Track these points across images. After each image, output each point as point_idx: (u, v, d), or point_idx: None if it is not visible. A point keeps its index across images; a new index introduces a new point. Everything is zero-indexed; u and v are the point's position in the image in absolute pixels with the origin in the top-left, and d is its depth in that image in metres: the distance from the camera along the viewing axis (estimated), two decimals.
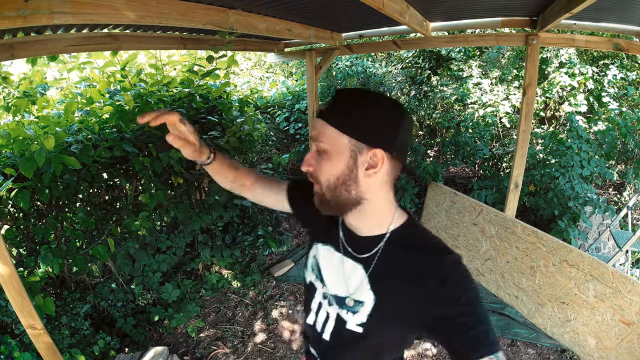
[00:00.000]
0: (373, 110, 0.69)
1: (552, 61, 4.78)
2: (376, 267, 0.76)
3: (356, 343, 0.80)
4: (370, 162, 0.70)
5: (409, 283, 0.72)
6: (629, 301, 2.10)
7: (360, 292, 0.77)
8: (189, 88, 2.93)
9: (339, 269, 0.82)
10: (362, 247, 0.78)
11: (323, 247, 0.87)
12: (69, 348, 2.20)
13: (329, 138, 0.69)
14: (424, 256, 0.72)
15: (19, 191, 1.88)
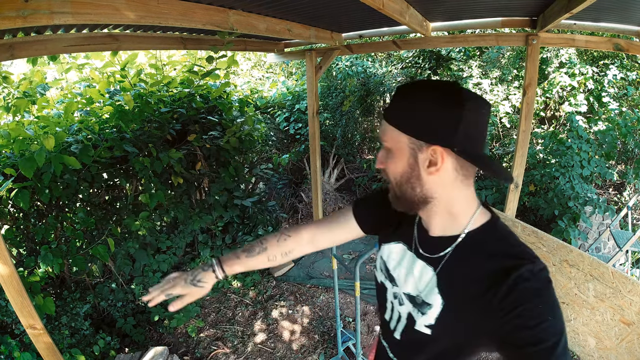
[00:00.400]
0: (427, 104, 0.65)
1: (552, 61, 4.78)
2: (445, 270, 0.73)
3: (424, 345, 0.78)
4: (431, 160, 0.67)
5: (476, 290, 0.66)
6: (629, 301, 2.10)
7: (429, 294, 0.74)
8: (189, 88, 2.93)
9: (410, 268, 0.80)
10: (433, 247, 0.75)
11: (395, 245, 0.86)
12: (69, 348, 2.20)
13: (390, 137, 0.70)
14: (497, 262, 0.66)
15: (19, 191, 1.88)
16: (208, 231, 3.44)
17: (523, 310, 0.61)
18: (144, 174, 2.43)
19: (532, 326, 0.60)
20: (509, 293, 0.62)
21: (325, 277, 3.41)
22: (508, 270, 0.63)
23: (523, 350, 0.60)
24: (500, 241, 0.70)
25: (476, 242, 0.70)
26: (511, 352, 0.63)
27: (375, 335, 2.63)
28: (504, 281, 0.63)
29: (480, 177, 4.62)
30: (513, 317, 0.61)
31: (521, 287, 0.62)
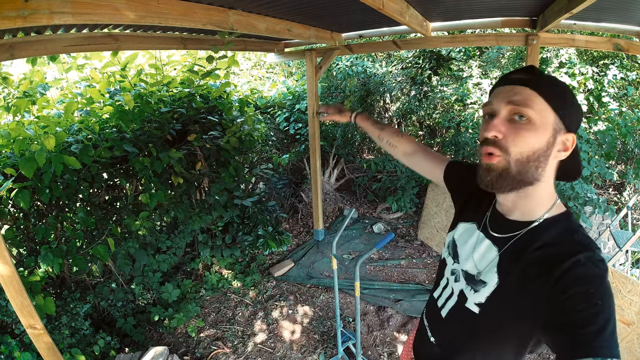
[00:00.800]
0: (574, 97, 0.70)
1: (552, 61, 4.78)
2: (509, 251, 0.74)
3: (469, 324, 0.79)
4: (564, 145, 0.69)
5: (534, 273, 0.67)
6: (629, 301, 2.10)
7: (486, 273, 0.76)
8: (189, 88, 2.93)
9: (475, 246, 0.82)
10: (505, 229, 0.76)
11: (468, 224, 0.88)
12: (69, 348, 2.20)
13: (537, 107, 0.66)
14: (557, 249, 0.67)
15: (19, 191, 1.88)
16: (208, 231, 3.44)
17: (574, 294, 0.61)
18: (144, 174, 2.43)
19: (580, 310, 0.60)
20: (563, 276, 0.63)
21: (325, 277, 3.41)
22: (567, 255, 0.64)
23: (567, 332, 0.60)
24: (569, 231, 0.70)
25: (547, 230, 0.71)
26: (555, 335, 0.62)
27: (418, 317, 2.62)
28: (560, 264, 0.64)
29: None
30: (563, 300, 0.62)
31: (576, 272, 0.63)
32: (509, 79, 0.71)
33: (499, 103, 0.69)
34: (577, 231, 0.70)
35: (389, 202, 4.39)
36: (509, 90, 0.70)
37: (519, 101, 0.67)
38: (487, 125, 0.70)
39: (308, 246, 3.95)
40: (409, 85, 5.39)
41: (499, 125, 0.68)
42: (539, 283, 0.66)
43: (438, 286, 0.92)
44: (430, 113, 5.61)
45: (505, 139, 0.68)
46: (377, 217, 4.62)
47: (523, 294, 0.69)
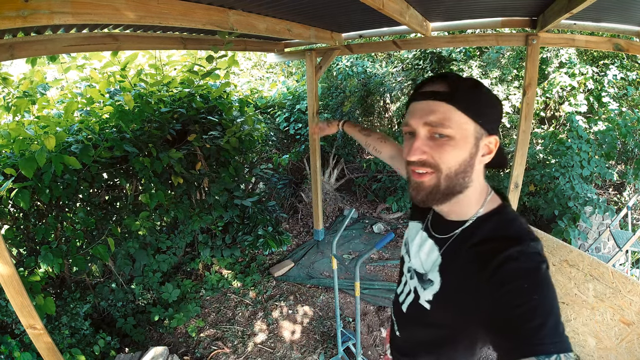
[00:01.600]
0: (492, 98, 0.69)
1: (552, 61, 4.78)
2: (449, 251, 0.75)
3: (424, 322, 0.81)
4: (487, 149, 0.70)
5: (470, 271, 0.68)
6: (629, 301, 2.10)
7: (431, 272, 0.78)
8: (189, 88, 2.93)
9: (420, 246, 0.85)
10: (444, 229, 0.78)
11: (415, 223, 0.92)
12: (69, 348, 2.20)
13: (456, 123, 0.65)
14: (489, 245, 0.67)
15: (19, 191, 1.88)
16: (208, 231, 3.44)
17: (508, 291, 0.60)
18: (144, 174, 2.43)
19: (516, 306, 0.58)
20: (496, 272, 0.62)
21: (325, 277, 3.41)
22: (499, 251, 0.63)
23: (506, 331, 0.58)
24: (503, 225, 0.70)
25: (480, 227, 0.72)
26: (494, 334, 0.61)
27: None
28: (492, 261, 0.63)
29: None
30: (498, 298, 0.60)
31: (507, 267, 0.61)
32: (424, 92, 0.69)
33: (417, 124, 0.68)
34: (511, 225, 0.70)
35: (389, 202, 4.39)
36: (424, 108, 0.67)
37: (436, 122, 0.66)
38: (410, 146, 0.69)
39: (308, 246, 3.95)
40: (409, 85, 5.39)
41: (421, 147, 0.68)
42: (476, 281, 0.65)
43: (400, 283, 0.95)
44: None
45: (431, 157, 0.68)
46: (377, 217, 4.62)
47: (464, 293, 0.69)
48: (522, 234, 0.67)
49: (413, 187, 0.72)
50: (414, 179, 0.71)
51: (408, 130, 0.70)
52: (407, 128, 0.70)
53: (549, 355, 0.53)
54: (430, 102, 0.67)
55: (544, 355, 0.53)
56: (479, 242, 0.69)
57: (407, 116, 0.71)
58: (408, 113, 0.71)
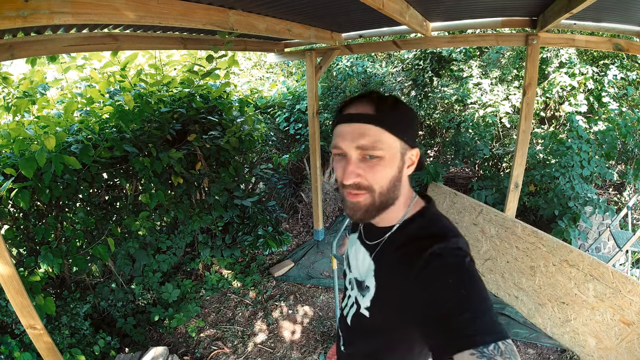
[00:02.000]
0: (410, 113, 0.73)
1: (552, 61, 4.78)
2: (379, 256, 0.79)
3: (366, 331, 0.83)
4: (411, 160, 0.75)
5: (400, 273, 0.69)
6: (629, 301, 2.10)
7: (368, 278, 0.80)
8: (189, 88, 2.93)
9: (356, 254, 0.88)
10: (374, 236, 0.81)
11: (352, 235, 0.96)
12: (69, 348, 2.20)
13: (386, 144, 0.68)
14: (414, 246, 0.69)
15: (19, 191, 1.88)
16: (208, 231, 3.44)
17: (436, 288, 0.60)
18: (144, 174, 2.43)
19: (445, 302, 0.58)
20: (421, 271, 0.63)
21: (325, 277, 3.41)
22: (423, 250, 0.65)
23: (440, 328, 0.57)
24: (426, 224, 0.74)
25: (406, 229, 0.76)
26: (431, 332, 0.59)
27: None
28: (418, 260, 0.65)
29: (479, 178, 4.62)
30: (427, 296, 0.61)
31: (433, 265, 0.63)
32: (351, 115, 0.69)
33: (349, 147, 0.69)
34: (433, 223, 0.73)
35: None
36: (354, 131, 0.68)
37: (368, 145, 0.67)
38: (343, 169, 0.70)
39: (308, 246, 3.95)
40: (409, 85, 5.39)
41: (355, 170, 0.69)
42: (406, 282, 0.66)
43: (344, 296, 0.96)
44: (431, 113, 5.61)
45: (365, 179, 0.69)
46: None
47: (396, 294, 0.71)
48: (445, 231, 0.70)
49: (349, 207, 0.73)
50: (349, 200, 0.72)
51: (338, 152, 0.71)
52: (338, 150, 0.71)
53: (487, 345, 0.52)
54: (359, 125, 0.68)
55: (482, 346, 0.52)
56: (404, 243, 0.72)
57: (336, 139, 0.71)
58: (337, 135, 0.71)
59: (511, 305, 2.86)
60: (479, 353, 0.51)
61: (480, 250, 3.16)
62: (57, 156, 1.91)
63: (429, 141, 5.92)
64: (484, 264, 3.13)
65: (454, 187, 4.31)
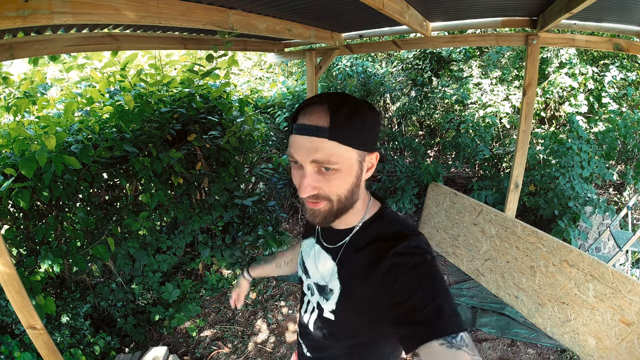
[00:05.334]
0: (370, 118, 0.70)
1: (552, 61, 4.78)
2: (342, 258, 0.79)
3: (332, 333, 0.83)
4: (370, 165, 0.74)
5: (365, 272, 0.72)
6: (629, 301, 2.10)
7: (331, 281, 0.81)
8: (189, 88, 2.93)
9: (316, 259, 0.88)
10: (334, 239, 0.82)
11: (306, 241, 0.95)
12: (69, 348, 2.20)
13: (341, 157, 0.67)
14: (380, 244, 0.72)
15: (19, 191, 1.88)
16: (208, 231, 3.44)
17: (401, 284, 0.64)
18: (144, 174, 2.43)
19: (411, 296, 0.62)
20: (388, 270, 0.67)
21: None
22: (386, 250, 0.69)
23: (407, 322, 0.61)
24: (386, 225, 0.77)
25: (367, 230, 0.77)
26: (401, 327, 0.62)
27: None
28: (383, 260, 0.68)
29: (479, 178, 4.62)
30: (394, 293, 0.64)
31: (397, 263, 0.67)
32: (305, 127, 0.67)
33: (304, 160, 0.68)
34: (393, 224, 0.76)
35: (389, 204, 4.39)
36: (309, 145, 0.66)
37: (323, 159, 0.66)
38: (299, 181, 0.70)
39: None
40: (409, 85, 5.39)
41: (312, 183, 0.68)
42: (371, 281, 0.70)
43: (302, 303, 0.94)
44: (431, 113, 5.61)
45: (322, 190, 0.69)
46: None
47: (362, 294, 0.73)
48: (405, 231, 0.73)
49: (309, 213, 0.73)
50: (309, 207, 0.72)
51: (294, 160, 0.71)
52: (293, 159, 0.71)
53: (455, 335, 0.56)
54: (313, 138, 0.66)
55: (451, 335, 0.56)
56: (367, 244, 0.74)
57: (290, 149, 0.70)
58: (292, 145, 0.70)
59: (511, 305, 2.86)
60: (447, 343, 0.55)
61: (480, 250, 3.16)
62: (57, 156, 1.91)
63: (429, 141, 5.92)
64: (484, 264, 3.13)
65: (454, 187, 4.31)
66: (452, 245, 3.50)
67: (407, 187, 4.35)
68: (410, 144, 4.82)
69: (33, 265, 2.08)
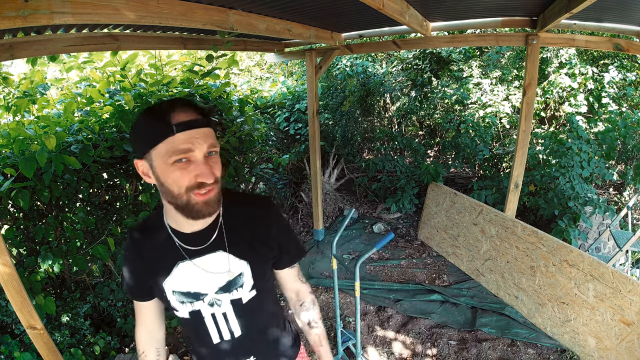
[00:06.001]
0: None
1: (552, 61, 4.78)
2: (227, 242, 0.88)
3: (257, 306, 0.94)
4: None
5: (251, 235, 0.90)
6: (629, 301, 2.10)
7: (235, 266, 0.89)
8: (189, 88, 2.92)
9: (208, 266, 0.88)
10: (208, 234, 0.87)
11: (182, 264, 0.87)
12: (69, 348, 2.20)
13: (216, 140, 0.80)
14: (249, 209, 0.93)
15: (19, 191, 1.88)
16: None
17: (280, 226, 0.96)
18: None
19: (288, 230, 1.00)
20: (267, 223, 0.93)
21: (325, 277, 3.41)
22: (258, 210, 0.94)
23: (291, 249, 1.00)
24: (240, 195, 1.04)
25: (230, 208, 0.90)
26: (284, 255, 0.99)
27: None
28: (261, 217, 0.93)
29: (479, 178, 4.62)
30: (276, 233, 0.94)
31: (270, 214, 0.94)
32: (190, 123, 0.74)
33: (199, 150, 0.74)
34: (242, 194, 1.05)
35: (388, 204, 4.39)
36: (197, 135, 0.74)
37: (213, 144, 0.77)
38: (197, 172, 0.74)
39: (308, 246, 3.95)
40: (409, 85, 5.39)
41: (211, 169, 0.76)
42: (260, 236, 0.92)
43: (211, 336, 0.92)
44: (431, 113, 5.61)
45: (217, 174, 0.79)
46: (377, 217, 4.62)
47: (261, 250, 0.92)
48: (254, 194, 1.04)
49: (202, 204, 0.77)
50: (202, 200, 0.76)
51: (181, 158, 0.74)
52: (184, 156, 0.74)
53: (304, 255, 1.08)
54: (201, 129, 0.75)
55: (304, 256, 1.07)
56: (238, 215, 0.90)
57: (182, 146, 0.73)
58: (182, 143, 0.73)
59: (511, 305, 2.86)
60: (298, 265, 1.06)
61: (480, 250, 3.16)
62: (57, 156, 1.91)
63: (429, 141, 5.92)
64: (484, 263, 3.13)
65: (454, 187, 4.31)
66: (452, 245, 3.50)
67: (407, 187, 4.35)
68: (410, 144, 4.82)
69: (33, 265, 2.08)
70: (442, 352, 2.50)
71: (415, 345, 2.58)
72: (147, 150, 0.75)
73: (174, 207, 0.79)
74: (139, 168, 0.79)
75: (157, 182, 0.78)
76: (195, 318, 0.90)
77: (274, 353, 1.03)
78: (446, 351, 2.51)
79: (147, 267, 0.89)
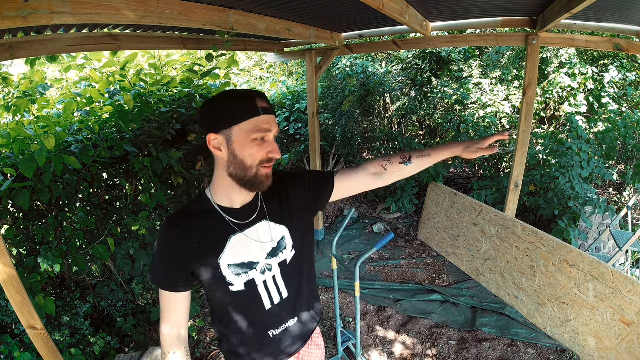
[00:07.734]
0: None
1: (552, 61, 4.78)
2: (266, 209, 1.00)
3: (298, 265, 1.04)
4: None
5: (283, 199, 1.02)
6: (629, 301, 2.10)
7: (276, 235, 0.99)
8: (189, 88, 2.92)
9: (254, 239, 0.97)
10: (251, 209, 0.98)
11: (234, 237, 0.96)
12: (69, 348, 2.20)
13: None
14: (281, 176, 1.05)
15: (19, 191, 1.88)
16: None
17: (305, 181, 1.07)
18: (144, 174, 2.43)
19: (311, 181, 1.08)
20: (297, 179, 1.07)
21: (325, 277, 3.41)
22: (288, 175, 1.07)
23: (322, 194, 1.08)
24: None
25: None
26: (319, 200, 1.09)
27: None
28: (290, 181, 1.06)
29: (479, 178, 4.62)
30: (308, 187, 1.06)
31: (296, 175, 1.09)
32: (267, 109, 0.90)
33: (274, 131, 0.91)
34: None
35: (388, 204, 4.39)
36: (273, 120, 0.91)
37: (274, 129, 0.91)
38: (271, 148, 0.90)
39: None
40: (409, 85, 5.39)
41: (278, 147, 0.93)
42: (297, 195, 1.05)
43: (262, 301, 0.99)
44: (431, 113, 5.61)
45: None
46: (377, 217, 4.62)
47: (298, 209, 1.04)
48: (280, 170, 1.10)
49: (265, 177, 0.91)
50: (265, 173, 0.91)
51: (261, 136, 0.88)
52: (264, 135, 0.89)
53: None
54: (272, 116, 0.91)
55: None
56: (273, 185, 0.96)
57: (264, 125, 0.88)
58: (263, 123, 0.88)
59: (511, 305, 2.86)
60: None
61: (480, 250, 3.16)
62: (57, 156, 1.91)
63: (429, 141, 5.92)
64: (484, 264, 3.13)
65: (454, 187, 4.31)
66: (452, 245, 3.50)
67: (407, 187, 4.35)
68: (410, 144, 4.82)
69: (33, 265, 2.07)
70: (442, 352, 2.50)
71: (415, 345, 2.58)
72: (230, 125, 0.86)
73: (237, 180, 0.90)
74: (211, 142, 0.88)
75: (229, 155, 0.88)
76: (250, 288, 0.98)
77: (310, 315, 1.12)
78: (446, 351, 2.51)
79: (195, 250, 0.93)
